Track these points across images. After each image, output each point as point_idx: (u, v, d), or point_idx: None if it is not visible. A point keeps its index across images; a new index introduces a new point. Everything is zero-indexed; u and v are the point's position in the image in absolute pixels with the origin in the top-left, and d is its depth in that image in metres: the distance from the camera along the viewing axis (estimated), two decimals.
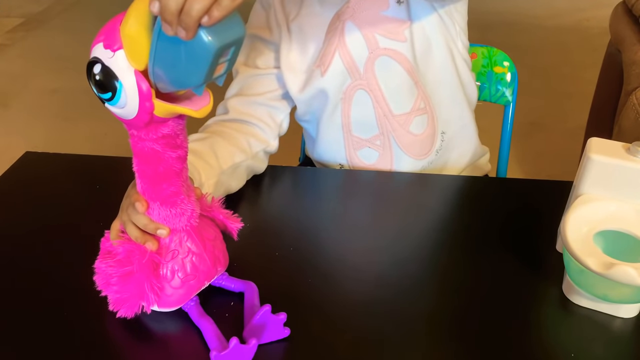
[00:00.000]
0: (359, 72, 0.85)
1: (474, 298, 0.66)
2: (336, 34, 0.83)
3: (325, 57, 0.85)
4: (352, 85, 0.86)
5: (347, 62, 0.84)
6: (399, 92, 0.86)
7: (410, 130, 0.88)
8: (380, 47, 0.83)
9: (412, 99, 0.86)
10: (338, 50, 0.84)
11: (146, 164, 0.55)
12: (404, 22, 0.82)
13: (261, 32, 0.89)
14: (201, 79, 0.46)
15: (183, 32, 0.44)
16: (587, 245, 0.61)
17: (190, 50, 0.45)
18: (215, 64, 0.46)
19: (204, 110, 0.50)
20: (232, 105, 0.88)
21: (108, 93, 0.49)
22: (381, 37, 0.83)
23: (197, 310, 0.61)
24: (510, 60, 1.09)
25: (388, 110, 0.87)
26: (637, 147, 0.63)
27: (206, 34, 0.44)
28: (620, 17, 1.61)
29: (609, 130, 1.51)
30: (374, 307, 0.64)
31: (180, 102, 0.51)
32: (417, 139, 0.89)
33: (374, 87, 0.86)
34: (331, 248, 0.76)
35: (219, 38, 0.44)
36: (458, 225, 0.79)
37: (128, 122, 0.52)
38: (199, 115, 0.50)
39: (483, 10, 3.41)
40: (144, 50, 0.47)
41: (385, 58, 0.84)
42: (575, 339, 0.62)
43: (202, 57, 0.45)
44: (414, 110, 0.87)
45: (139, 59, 0.48)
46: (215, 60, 0.45)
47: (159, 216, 0.58)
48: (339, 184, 0.90)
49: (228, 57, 0.47)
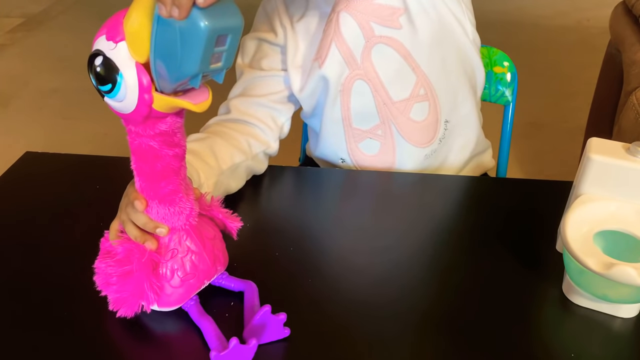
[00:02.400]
0: (356, 62, 0.85)
1: (474, 298, 0.66)
2: (331, 26, 0.84)
3: (322, 49, 0.85)
4: (350, 76, 0.86)
5: (344, 52, 0.84)
6: (396, 78, 0.86)
7: (410, 117, 0.88)
8: (376, 35, 0.83)
9: (410, 85, 0.86)
10: (334, 41, 0.84)
11: (144, 162, 0.55)
12: (398, 9, 0.82)
13: (266, 35, 0.89)
14: (197, 66, 0.46)
15: (176, 10, 0.44)
16: (587, 245, 0.61)
17: (185, 33, 0.45)
18: (211, 51, 0.46)
19: (202, 104, 0.50)
20: (234, 105, 0.88)
21: (108, 85, 0.49)
22: (376, 25, 0.83)
23: (197, 309, 0.61)
24: (510, 60, 1.09)
25: (387, 98, 0.87)
26: (637, 147, 0.63)
27: (200, 15, 0.44)
28: (620, 17, 1.61)
29: (609, 130, 1.52)
30: (374, 307, 0.64)
31: (179, 97, 0.51)
32: (419, 126, 0.89)
33: (372, 75, 0.86)
34: (331, 248, 0.76)
35: (212, 21, 0.45)
36: (458, 225, 0.79)
37: (126, 116, 0.52)
38: (197, 110, 0.50)
39: (483, 10, 3.39)
40: (145, 43, 0.47)
41: (382, 46, 0.84)
42: (575, 339, 0.62)
43: (195, 40, 0.45)
44: (413, 96, 0.87)
45: (141, 51, 0.48)
46: (209, 45, 0.46)
47: (158, 215, 0.58)
48: (339, 184, 0.90)
49: (225, 48, 0.47)
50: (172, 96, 0.50)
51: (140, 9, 0.47)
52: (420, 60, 0.85)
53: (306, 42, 0.87)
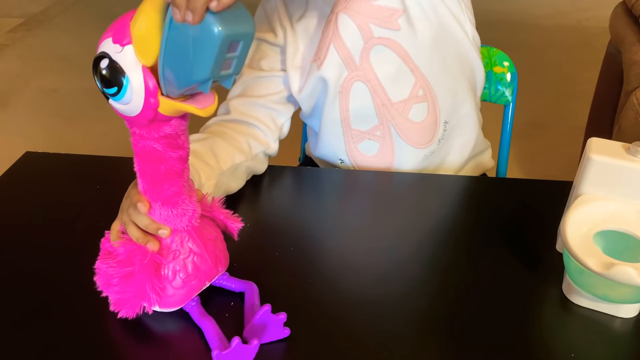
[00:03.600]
0: (355, 63, 0.85)
1: (474, 298, 0.66)
2: (330, 27, 0.84)
3: (320, 51, 0.85)
4: (349, 77, 0.86)
5: (342, 54, 0.84)
6: (395, 80, 0.86)
7: (409, 118, 0.88)
8: (374, 36, 0.83)
9: (409, 86, 0.86)
10: (333, 42, 0.84)
11: (147, 164, 0.56)
12: (397, 10, 0.82)
13: (266, 36, 0.89)
14: (208, 72, 0.46)
15: (190, 15, 0.44)
16: (587, 245, 0.61)
17: (198, 38, 0.45)
18: (223, 56, 0.46)
19: (209, 109, 0.50)
20: (233, 105, 0.88)
21: (113, 88, 0.49)
22: (375, 27, 0.83)
23: (199, 310, 0.61)
24: (510, 60, 1.09)
25: (386, 99, 0.87)
26: (637, 147, 0.63)
27: (214, 20, 0.44)
28: (620, 17, 1.61)
29: (609, 130, 1.52)
30: (374, 307, 0.64)
31: (186, 101, 0.50)
32: (417, 127, 0.89)
33: (371, 76, 0.86)
34: (331, 248, 0.76)
35: (226, 27, 0.45)
36: (458, 225, 0.79)
37: (131, 119, 0.52)
38: (203, 114, 0.50)
39: (483, 10, 3.39)
40: (153, 46, 0.47)
41: (380, 47, 0.84)
42: (575, 339, 0.62)
43: (209, 45, 0.45)
44: (412, 97, 0.87)
45: (148, 54, 0.48)
46: (222, 51, 0.45)
47: (161, 216, 0.58)
48: (339, 184, 0.91)
49: (236, 54, 0.47)
50: (178, 100, 0.50)
51: (148, 13, 0.47)
52: (419, 61, 0.85)
53: (305, 43, 0.87)
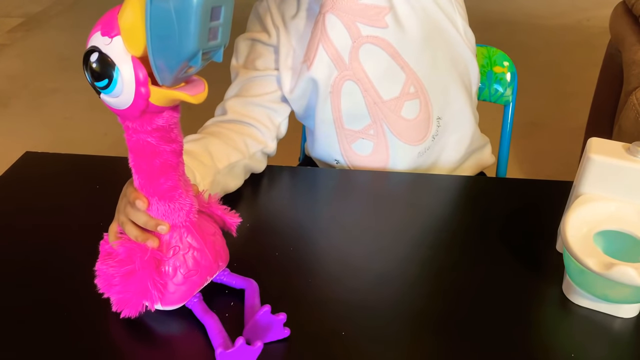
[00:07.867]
0: (344, 63, 0.85)
1: (474, 298, 0.66)
2: (318, 27, 0.84)
3: (310, 51, 0.85)
4: (339, 77, 0.86)
5: (331, 54, 0.85)
6: (386, 77, 0.86)
7: (402, 115, 0.88)
8: (362, 35, 0.83)
9: (399, 84, 0.86)
10: (321, 42, 0.84)
11: (142, 158, 0.56)
12: (384, 8, 0.82)
13: (260, 36, 0.89)
14: (196, 42, 0.46)
15: None
16: (587, 245, 0.61)
17: (179, 8, 0.45)
18: (207, 24, 0.46)
19: (199, 96, 0.50)
20: (230, 106, 0.88)
21: (104, 81, 0.49)
22: (363, 25, 0.83)
23: (201, 306, 0.61)
24: (510, 60, 1.09)
25: (378, 97, 0.87)
26: (637, 147, 0.63)
27: None
28: (620, 17, 1.61)
29: (609, 130, 1.52)
30: (373, 307, 0.64)
31: (177, 89, 0.50)
32: (410, 124, 0.89)
33: (361, 75, 0.86)
34: (331, 248, 0.76)
35: None
36: (458, 225, 0.79)
37: (123, 112, 0.52)
38: (194, 101, 0.50)
39: (483, 10, 3.41)
40: (140, 36, 0.47)
41: (369, 45, 0.84)
42: (575, 339, 0.62)
43: (191, 12, 0.45)
44: (404, 94, 0.87)
45: (136, 44, 0.48)
46: (205, 18, 0.45)
47: (158, 212, 0.58)
48: (338, 184, 0.90)
49: (220, 22, 0.47)
50: (169, 88, 0.50)
51: (134, 4, 0.47)
52: (408, 58, 0.85)
53: (298, 43, 0.87)
